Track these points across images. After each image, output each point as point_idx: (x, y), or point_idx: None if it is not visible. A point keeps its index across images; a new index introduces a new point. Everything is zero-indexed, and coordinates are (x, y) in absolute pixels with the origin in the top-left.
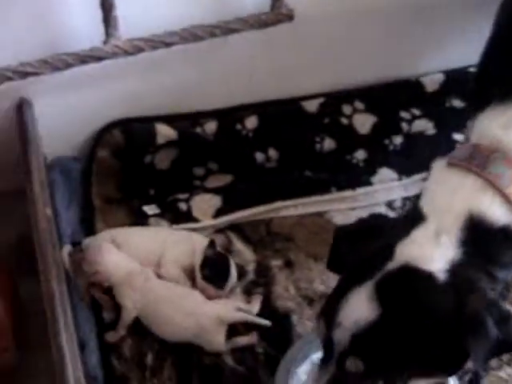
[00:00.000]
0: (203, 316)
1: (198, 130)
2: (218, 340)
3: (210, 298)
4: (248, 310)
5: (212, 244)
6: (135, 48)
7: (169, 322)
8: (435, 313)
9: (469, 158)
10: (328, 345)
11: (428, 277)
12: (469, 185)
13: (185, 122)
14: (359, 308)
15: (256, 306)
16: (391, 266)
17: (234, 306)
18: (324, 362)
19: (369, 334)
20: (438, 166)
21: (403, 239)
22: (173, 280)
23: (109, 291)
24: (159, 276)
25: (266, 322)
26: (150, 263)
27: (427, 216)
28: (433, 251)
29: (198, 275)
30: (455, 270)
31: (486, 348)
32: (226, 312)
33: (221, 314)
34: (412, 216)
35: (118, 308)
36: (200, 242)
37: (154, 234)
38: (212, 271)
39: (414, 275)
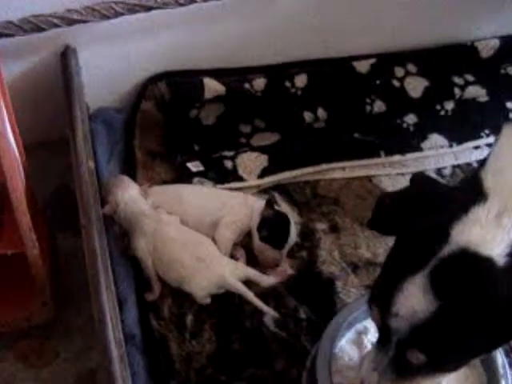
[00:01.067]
0: (210, 269)
1: (247, 86)
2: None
3: (267, 260)
4: (260, 279)
5: (270, 204)
6: None
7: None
8: (497, 301)
9: None
10: (385, 331)
11: (489, 264)
12: None
13: (233, 77)
14: (417, 299)
15: (272, 279)
16: (448, 250)
17: (245, 273)
18: (380, 344)
19: (429, 326)
20: (508, 133)
21: (460, 218)
22: (223, 243)
23: None
24: (210, 236)
25: (266, 309)
26: (202, 222)
27: (489, 192)
28: (494, 234)
29: (256, 237)
30: None
31: None
32: (229, 277)
33: (224, 276)
34: (470, 190)
35: None
36: (258, 204)
37: (216, 196)
38: (270, 232)
39: (474, 263)
